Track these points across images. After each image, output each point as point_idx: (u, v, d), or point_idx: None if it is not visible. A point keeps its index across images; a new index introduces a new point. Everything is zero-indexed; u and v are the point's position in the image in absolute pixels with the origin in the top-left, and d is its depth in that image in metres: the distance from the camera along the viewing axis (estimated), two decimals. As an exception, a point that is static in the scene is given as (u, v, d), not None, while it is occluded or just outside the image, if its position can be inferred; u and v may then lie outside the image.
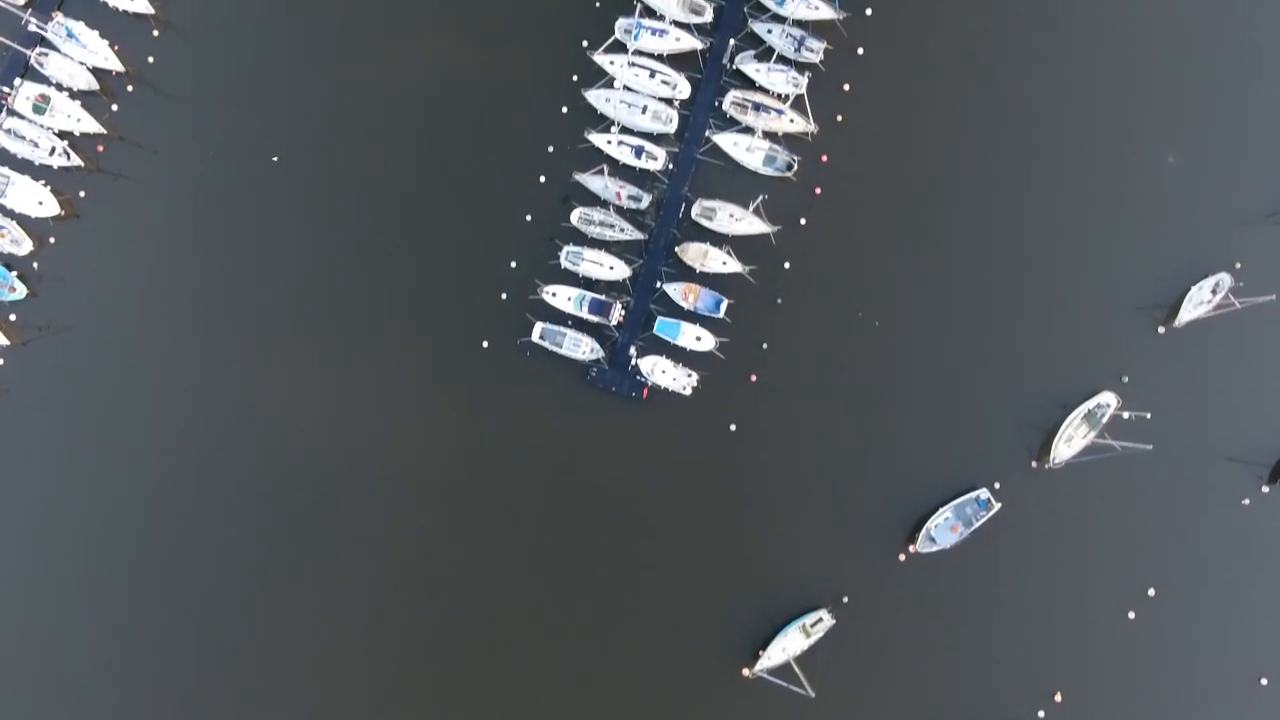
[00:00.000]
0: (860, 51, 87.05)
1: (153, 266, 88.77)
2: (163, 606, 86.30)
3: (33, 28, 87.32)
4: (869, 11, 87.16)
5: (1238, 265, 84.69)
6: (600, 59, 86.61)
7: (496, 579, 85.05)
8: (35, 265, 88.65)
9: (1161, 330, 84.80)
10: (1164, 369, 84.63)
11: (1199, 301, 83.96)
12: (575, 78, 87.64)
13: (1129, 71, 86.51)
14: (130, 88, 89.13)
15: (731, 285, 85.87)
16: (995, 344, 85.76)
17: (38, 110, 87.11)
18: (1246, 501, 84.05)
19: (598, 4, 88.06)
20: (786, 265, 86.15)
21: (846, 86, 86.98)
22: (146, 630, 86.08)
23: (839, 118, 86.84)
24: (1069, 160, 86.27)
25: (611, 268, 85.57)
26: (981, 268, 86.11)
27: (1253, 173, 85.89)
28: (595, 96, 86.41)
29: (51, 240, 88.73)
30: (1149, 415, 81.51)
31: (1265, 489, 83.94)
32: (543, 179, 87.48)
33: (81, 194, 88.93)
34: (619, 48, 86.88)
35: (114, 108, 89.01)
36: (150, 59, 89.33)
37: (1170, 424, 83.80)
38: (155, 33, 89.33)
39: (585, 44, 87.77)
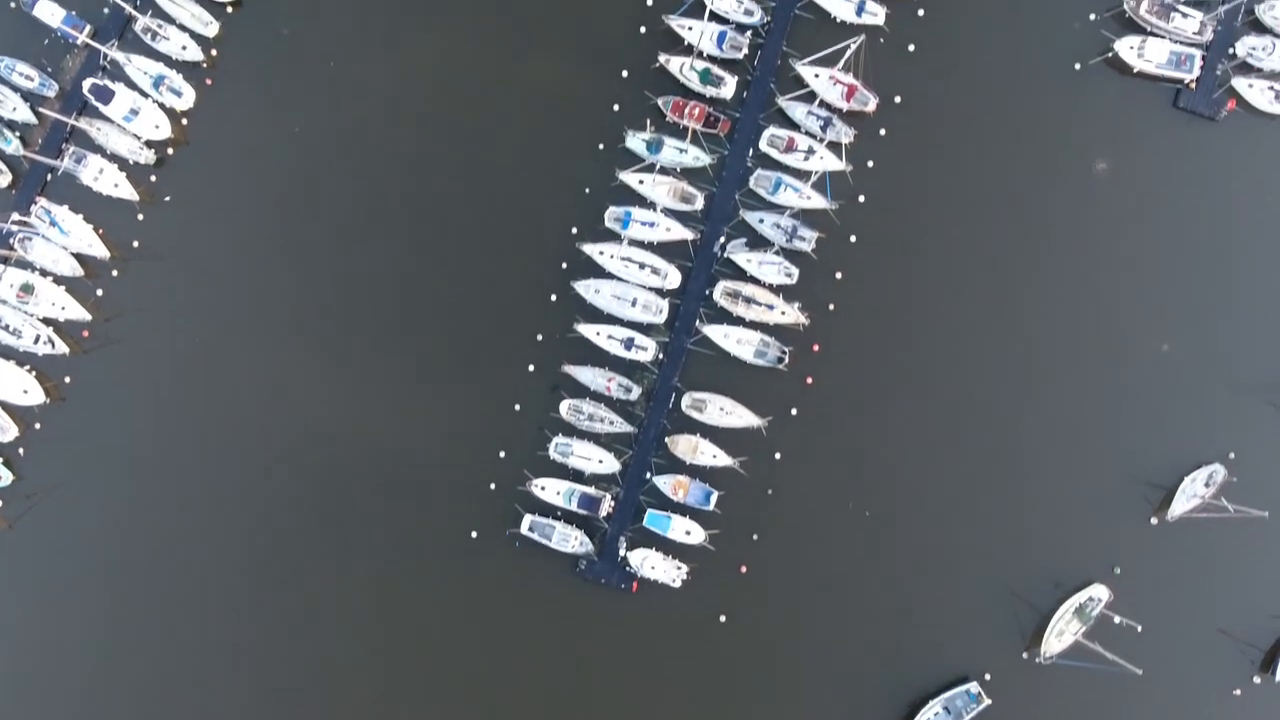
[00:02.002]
0: (853, 240, 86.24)
1: (141, 448, 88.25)
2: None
3: (15, 218, 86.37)
4: (861, 199, 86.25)
5: (1231, 455, 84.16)
6: (590, 249, 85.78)
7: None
8: (21, 451, 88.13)
9: (1154, 521, 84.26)
10: (1155, 562, 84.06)
11: (1192, 494, 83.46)
12: (565, 265, 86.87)
13: (1121, 263, 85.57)
14: (115, 272, 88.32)
15: (722, 475, 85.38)
16: (988, 530, 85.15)
17: (21, 301, 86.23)
18: (1238, 692, 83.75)
19: (587, 190, 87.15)
20: (777, 456, 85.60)
21: (839, 275, 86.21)
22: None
23: (831, 306, 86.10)
24: (1063, 349, 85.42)
25: (601, 461, 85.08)
26: (974, 454, 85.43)
27: (1245, 360, 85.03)
28: (584, 287, 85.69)
29: (37, 426, 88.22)
30: (1139, 628, 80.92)
31: (1257, 679, 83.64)
32: (531, 368, 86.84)
33: (67, 379, 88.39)
34: (609, 236, 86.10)
35: (99, 292, 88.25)
36: (135, 243, 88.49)
37: (1160, 615, 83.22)
38: (140, 216, 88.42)
39: (575, 230, 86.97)
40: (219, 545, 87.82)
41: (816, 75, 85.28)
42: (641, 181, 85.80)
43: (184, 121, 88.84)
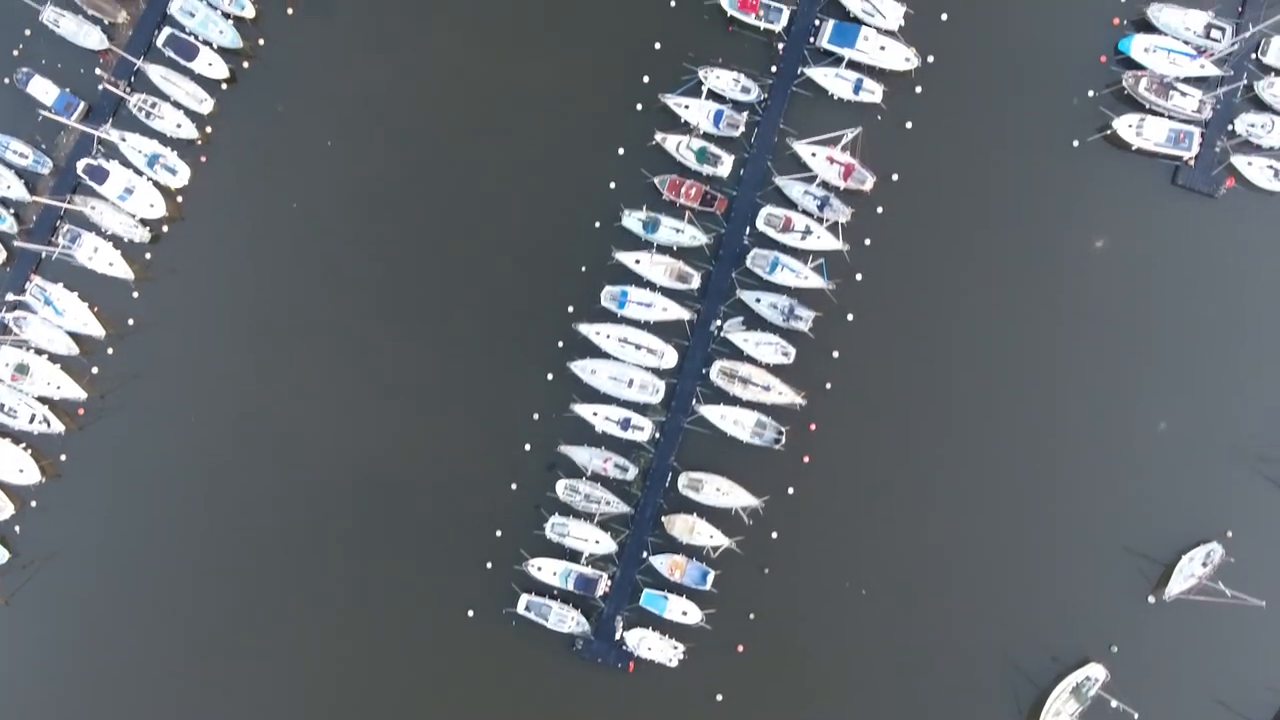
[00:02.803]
0: (850, 318, 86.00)
1: (136, 524, 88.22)
2: None
3: (9, 298, 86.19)
4: (859, 277, 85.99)
5: (1229, 534, 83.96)
6: (586, 329, 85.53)
7: None
8: (17, 529, 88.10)
9: (1151, 600, 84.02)
10: (1152, 642, 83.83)
11: (1189, 574, 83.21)
12: (560, 344, 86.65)
13: (1119, 341, 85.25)
14: (111, 350, 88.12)
15: (719, 555, 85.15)
16: (985, 605, 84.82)
17: (16, 381, 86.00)
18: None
19: (583, 268, 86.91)
20: (774, 535, 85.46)
21: (836, 354, 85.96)
22: None
23: (828, 385, 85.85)
24: (1060, 426, 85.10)
25: (598, 542, 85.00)
26: (971, 530, 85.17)
27: (1243, 438, 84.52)
28: (581, 368, 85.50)
29: (33, 504, 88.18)
30: (1136, 716, 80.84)
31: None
32: (528, 446, 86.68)
33: (63, 457, 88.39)
34: (605, 316, 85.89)
35: (94, 370, 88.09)
36: (131, 320, 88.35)
37: (1157, 697, 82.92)
38: (135, 294, 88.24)
39: (571, 309, 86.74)
40: (213, 619, 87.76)
41: (814, 154, 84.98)
42: (638, 261, 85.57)
43: (179, 199, 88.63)
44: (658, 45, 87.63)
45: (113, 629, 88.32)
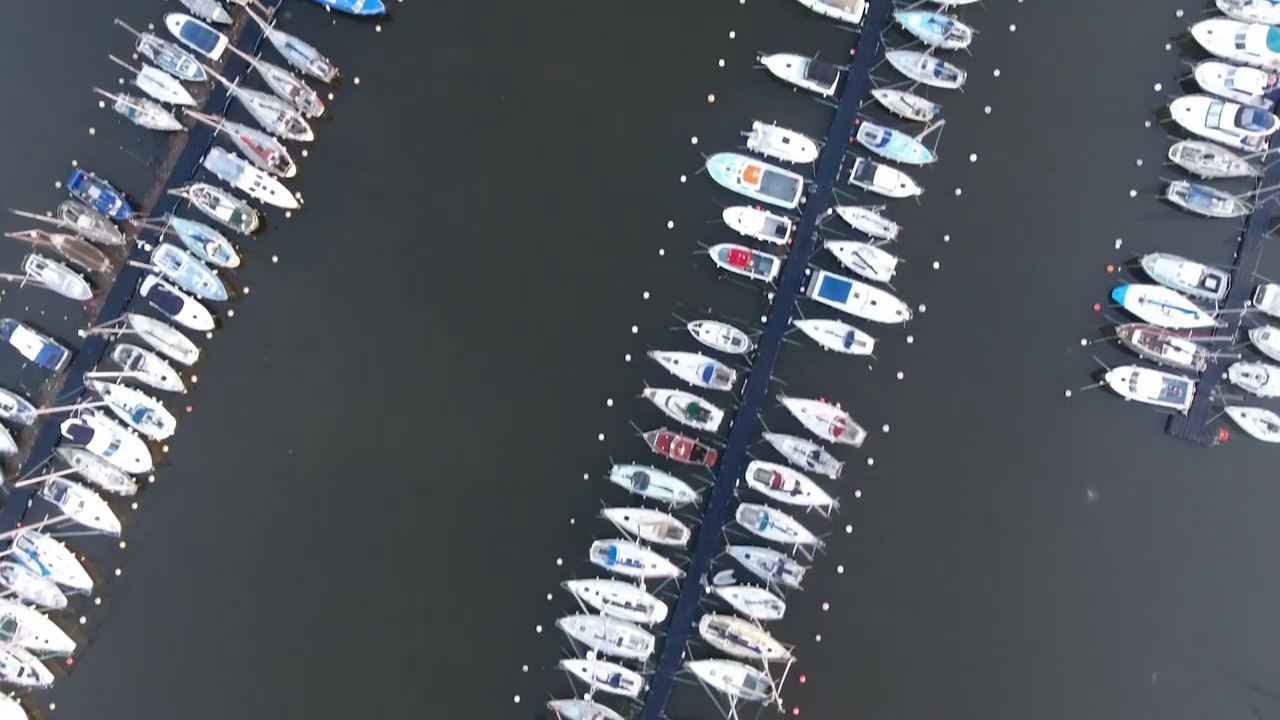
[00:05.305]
0: (840, 570, 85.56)
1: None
2: None
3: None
4: (849, 529, 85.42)
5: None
6: (575, 586, 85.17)
7: None
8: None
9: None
10: None
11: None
12: (550, 597, 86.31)
13: (1112, 592, 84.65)
14: (99, 600, 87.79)
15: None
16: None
17: (4, 637, 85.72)
18: None
19: (572, 520, 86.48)
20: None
21: (826, 606, 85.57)
22: None
23: (818, 637, 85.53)
24: (1052, 679, 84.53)
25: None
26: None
27: (1234, 687, 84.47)
28: (570, 624, 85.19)
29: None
30: None
31: None
32: (517, 699, 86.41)
33: (52, 706, 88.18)
34: (594, 570, 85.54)
35: (83, 620, 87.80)
36: (118, 571, 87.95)
37: None
38: (122, 544, 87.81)
39: (560, 562, 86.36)
40: None
41: (804, 410, 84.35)
42: (627, 518, 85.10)
43: (165, 449, 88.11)
44: (646, 295, 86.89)
45: None
